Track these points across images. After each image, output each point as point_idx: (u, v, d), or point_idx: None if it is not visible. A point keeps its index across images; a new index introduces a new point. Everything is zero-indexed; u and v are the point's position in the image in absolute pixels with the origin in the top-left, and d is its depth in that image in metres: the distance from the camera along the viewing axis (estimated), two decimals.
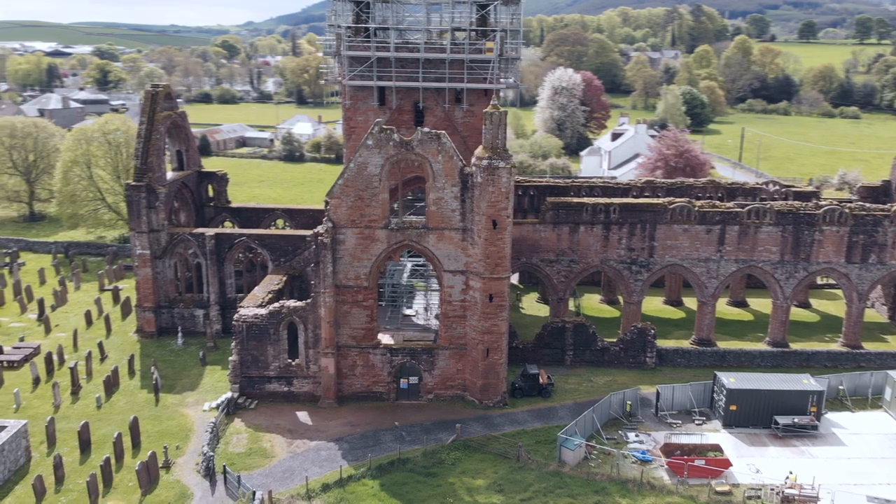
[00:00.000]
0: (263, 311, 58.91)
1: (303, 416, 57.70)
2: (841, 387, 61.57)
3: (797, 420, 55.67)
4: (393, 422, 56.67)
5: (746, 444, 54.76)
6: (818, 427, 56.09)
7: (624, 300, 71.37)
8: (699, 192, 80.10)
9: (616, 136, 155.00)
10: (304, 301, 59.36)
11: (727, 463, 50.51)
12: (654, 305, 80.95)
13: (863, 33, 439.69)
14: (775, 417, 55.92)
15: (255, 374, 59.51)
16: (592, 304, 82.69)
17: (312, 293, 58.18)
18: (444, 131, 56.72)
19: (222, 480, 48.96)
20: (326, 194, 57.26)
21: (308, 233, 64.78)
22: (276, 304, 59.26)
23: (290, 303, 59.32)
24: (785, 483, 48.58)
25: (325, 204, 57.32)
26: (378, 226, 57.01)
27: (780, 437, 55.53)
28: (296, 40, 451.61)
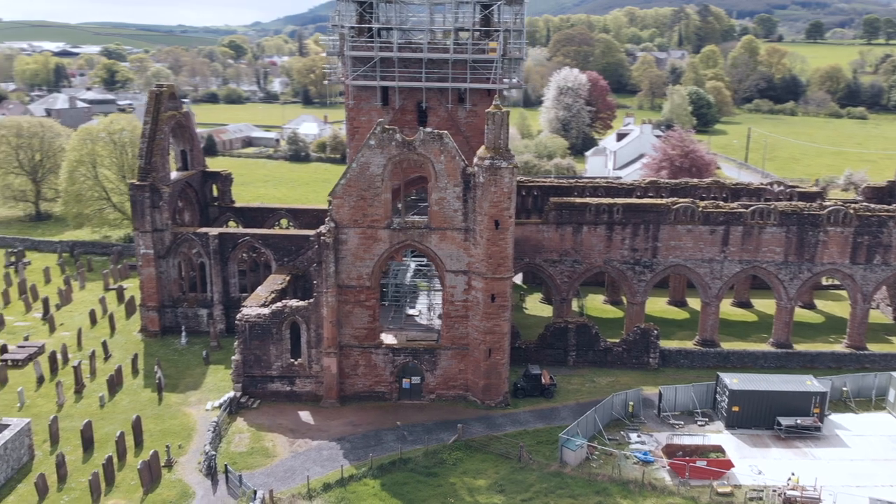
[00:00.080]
0: (266, 311, 59.02)
1: (305, 415, 57.78)
2: (844, 388, 61.28)
3: (800, 421, 55.40)
4: (395, 422, 56.70)
5: (749, 445, 54.58)
6: (821, 428, 55.84)
7: (627, 301, 71.30)
8: (703, 193, 79.90)
9: (621, 137, 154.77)
10: (306, 301, 59.49)
11: (729, 464, 50.36)
12: (659, 306, 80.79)
13: (870, 33, 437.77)
14: (778, 419, 55.69)
15: (257, 374, 59.64)
16: (596, 304, 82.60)
17: (315, 293, 58.27)
18: (446, 131, 56.71)
19: (224, 479, 49.05)
20: (329, 194, 57.35)
21: (311, 232, 64.76)
22: (279, 304, 59.35)
23: (293, 302, 59.44)
24: (787, 484, 48.44)
25: (329, 203, 57.41)
26: (380, 226, 57.05)
27: (783, 438, 55.32)
28: (302, 40, 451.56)
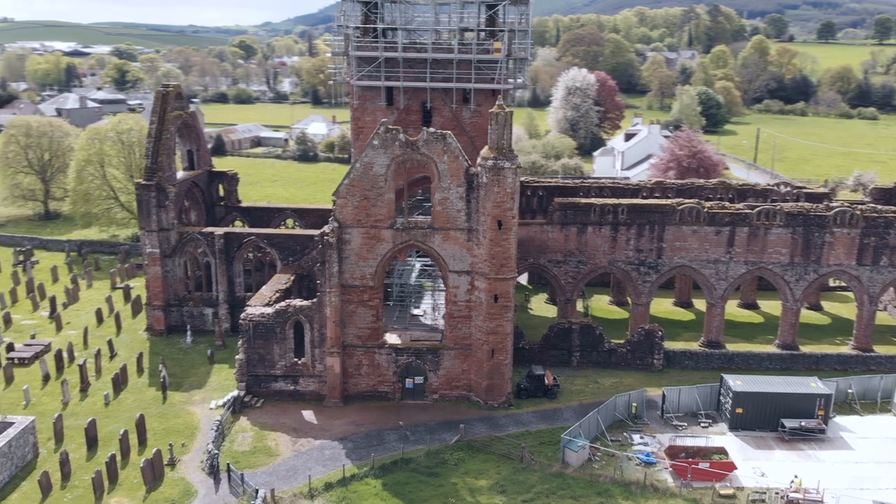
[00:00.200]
0: (270, 310, 59.19)
1: (308, 414, 57.91)
2: (850, 390, 60.91)
3: (804, 423, 55.10)
4: (397, 421, 56.76)
5: (752, 447, 54.33)
6: (825, 431, 55.55)
7: (632, 302, 71.13)
8: (710, 194, 79.56)
9: (629, 137, 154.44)
10: (310, 300, 59.61)
11: (732, 466, 50.16)
12: (664, 307, 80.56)
13: (882, 33, 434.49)
14: (782, 420, 55.42)
15: (261, 373, 59.80)
16: (602, 305, 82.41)
17: (318, 292, 58.39)
18: (449, 131, 56.69)
19: (226, 478, 49.22)
20: (333, 194, 57.45)
21: (316, 232, 64.96)
22: (283, 304, 59.50)
23: (297, 302, 59.58)
24: (790, 487, 48.20)
25: (333, 203, 57.52)
26: (383, 225, 57.10)
27: (787, 440, 55.06)
28: (312, 41, 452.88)
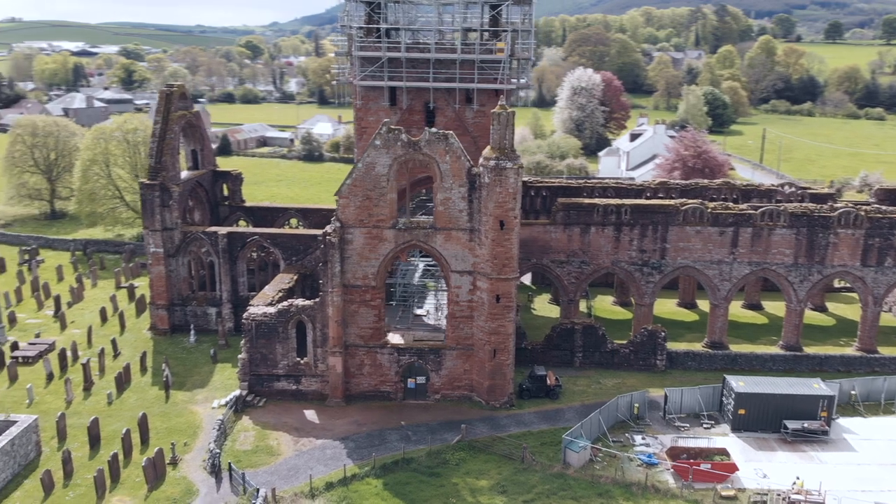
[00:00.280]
0: (272, 310, 59.29)
1: (310, 414, 57.99)
2: (853, 391, 60.70)
3: (807, 425, 54.93)
4: (399, 421, 56.78)
5: (754, 448, 54.17)
6: (828, 432, 55.35)
7: (635, 302, 71.02)
8: (714, 194, 79.32)
9: (634, 137, 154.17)
10: (312, 300, 59.68)
11: (733, 467, 50.01)
12: (668, 308, 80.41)
13: (890, 34, 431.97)
14: (785, 422, 55.27)
15: (263, 372, 59.92)
16: (605, 305, 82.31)
17: (321, 292, 58.48)
18: (451, 132, 56.72)
19: (228, 477, 49.33)
20: (335, 193, 57.54)
21: (319, 232, 65.00)
22: (285, 303, 59.61)
23: (299, 301, 59.67)
24: (791, 489, 48.06)
25: (335, 203, 57.58)
26: (386, 225, 57.16)
27: (790, 441, 54.90)
28: (319, 41, 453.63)
